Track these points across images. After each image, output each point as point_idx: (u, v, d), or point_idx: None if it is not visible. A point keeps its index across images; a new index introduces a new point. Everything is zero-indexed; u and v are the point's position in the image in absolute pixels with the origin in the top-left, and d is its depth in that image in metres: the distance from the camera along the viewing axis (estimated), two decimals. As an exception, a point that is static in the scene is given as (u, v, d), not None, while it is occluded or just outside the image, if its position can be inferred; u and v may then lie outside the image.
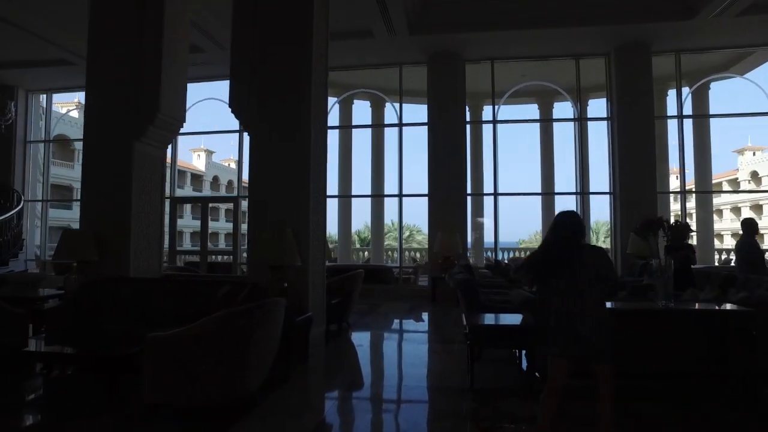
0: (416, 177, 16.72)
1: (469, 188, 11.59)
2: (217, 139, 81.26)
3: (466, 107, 12.23)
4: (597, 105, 15.65)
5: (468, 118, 12.72)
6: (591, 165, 12.43)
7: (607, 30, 10.11)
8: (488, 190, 12.58)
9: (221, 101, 11.39)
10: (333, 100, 13.49)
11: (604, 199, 11.54)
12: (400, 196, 12.10)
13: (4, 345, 4.57)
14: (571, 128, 12.70)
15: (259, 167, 5.86)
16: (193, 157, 45.38)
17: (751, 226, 7.09)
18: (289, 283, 5.28)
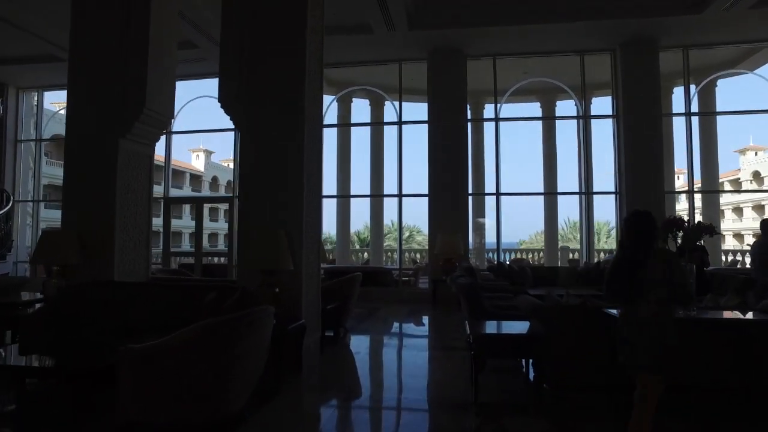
0: (416, 177, 16.42)
1: (470, 188, 11.26)
2: (217, 139, 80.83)
3: (467, 105, 11.91)
4: (600, 104, 15.34)
5: (469, 116, 12.40)
6: (594, 164, 12.11)
7: (613, 25, 9.79)
8: (489, 190, 12.28)
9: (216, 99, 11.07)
10: (331, 98, 13.18)
11: (606, 198, 11.24)
12: (399, 196, 11.79)
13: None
14: (573, 128, 12.38)
15: (249, 165, 5.53)
16: (192, 158, 45.07)
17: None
18: (281, 288, 4.96)
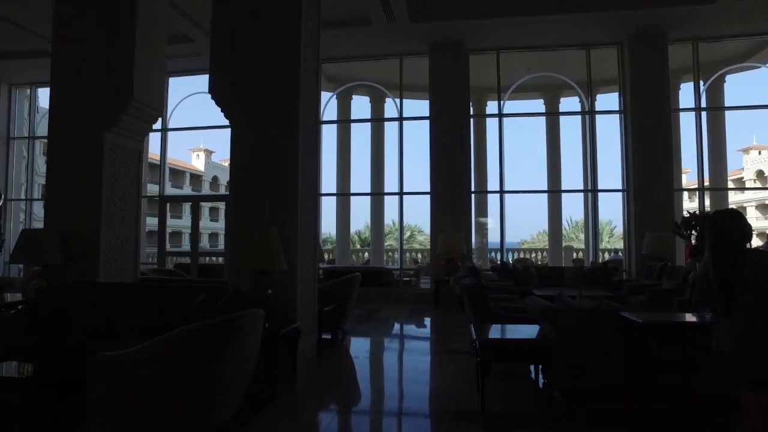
0: (417, 174, 16.12)
1: (473, 186, 10.96)
2: (217, 139, 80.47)
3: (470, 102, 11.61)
4: (604, 100, 15.03)
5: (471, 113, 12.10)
6: (599, 161, 11.80)
7: (621, 16, 9.48)
8: (492, 188, 11.99)
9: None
10: (330, 94, 12.89)
11: (608, 197, 10.93)
12: (400, 194, 11.49)
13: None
14: (578, 125, 12.12)
15: (241, 160, 5.23)
16: (192, 157, 44.81)
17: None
18: (275, 290, 4.67)
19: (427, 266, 12.25)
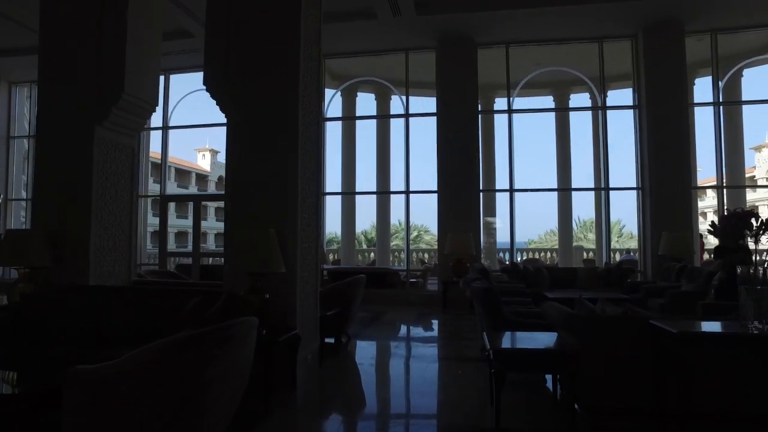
0: (424, 173, 15.79)
1: (481, 184, 10.62)
2: (223, 139, 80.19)
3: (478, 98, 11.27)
4: (615, 96, 14.63)
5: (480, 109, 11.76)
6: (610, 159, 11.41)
7: (635, 6, 9.09)
8: (501, 186, 11.64)
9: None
10: (334, 91, 12.58)
11: (619, 195, 10.57)
12: (407, 192, 11.15)
13: None
14: (588, 122, 11.74)
15: (238, 157, 4.92)
16: (198, 157, 44.72)
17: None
18: (272, 294, 4.36)
19: (434, 267, 11.92)
